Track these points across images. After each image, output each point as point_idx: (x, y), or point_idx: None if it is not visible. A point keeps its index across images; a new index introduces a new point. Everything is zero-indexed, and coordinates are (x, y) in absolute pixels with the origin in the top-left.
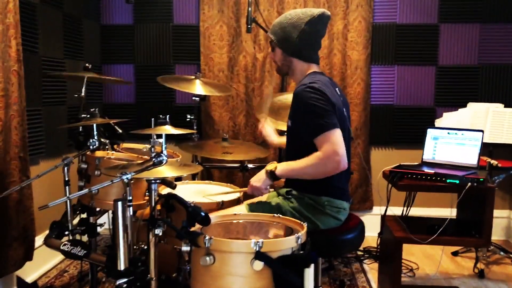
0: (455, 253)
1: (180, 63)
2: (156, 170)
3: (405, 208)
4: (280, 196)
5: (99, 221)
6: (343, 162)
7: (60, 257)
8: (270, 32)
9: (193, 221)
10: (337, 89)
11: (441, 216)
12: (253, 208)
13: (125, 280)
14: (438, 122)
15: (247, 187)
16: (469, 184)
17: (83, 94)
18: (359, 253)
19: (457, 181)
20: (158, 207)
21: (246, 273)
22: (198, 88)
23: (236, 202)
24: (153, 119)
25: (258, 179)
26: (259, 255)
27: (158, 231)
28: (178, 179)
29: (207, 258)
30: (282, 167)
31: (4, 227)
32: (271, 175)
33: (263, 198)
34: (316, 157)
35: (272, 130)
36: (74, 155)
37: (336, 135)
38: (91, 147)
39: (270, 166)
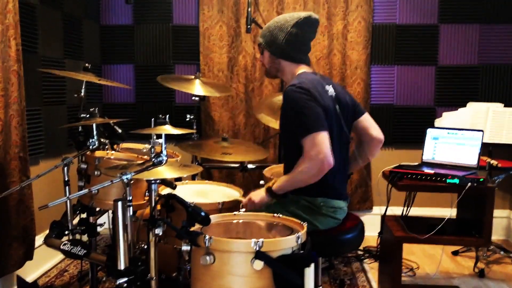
0: (455, 253)
1: (180, 63)
2: (156, 170)
3: (405, 208)
4: (276, 200)
5: (99, 221)
6: (328, 161)
7: (60, 256)
8: (260, 36)
9: (193, 221)
10: (330, 86)
11: (441, 216)
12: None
13: (125, 279)
14: (438, 122)
15: (244, 201)
16: (469, 184)
17: (82, 94)
18: (359, 252)
19: (457, 181)
20: (158, 207)
21: (246, 273)
22: (197, 88)
23: (235, 202)
24: (153, 119)
25: (258, 196)
26: (259, 255)
27: (158, 231)
28: (178, 179)
29: (207, 258)
30: (278, 183)
31: (4, 227)
32: (270, 192)
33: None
34: (301, 162)
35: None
36: (74, 155)
37: (321, 137)
38: (90, 147)
39: (267, 184)
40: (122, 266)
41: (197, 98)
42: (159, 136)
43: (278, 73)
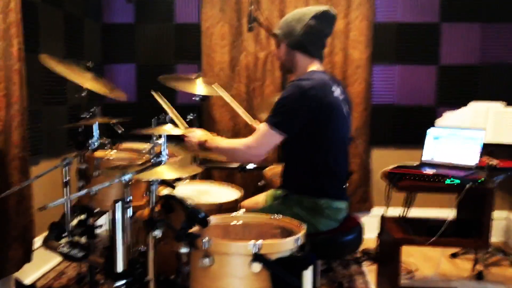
0: (454, 255)
1: (181, 62)
2: (155, 170)
3: (405, 209)
4: (277, 200)
5: (98, 222)
6: (257, 158)
7: (59, 258)
8: (276, 28)
9: (192, 222)
10: (339, 88)
11: (440, 217)
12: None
13: (123, 282)
14: (438, 122)
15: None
16: (469, 184)
17: (83, 94)
18: (358, 255)
19: (457, 182)
20: (157, 208)
21: (244, 275)
22: (199, 88)
23: (235, 203)
24: (153, 119)
25: (191, 144)
26: (257, 257)
27: (157, 233)
28: (178, 179)
29: (206, 260)
30: (212, 142)
31: (4, 228)
32: (202, 146)
33: (260, 204)
34: (240, 143)
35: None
36: (74, 155)
37: (272, 137)
38: (90, 147)
39: (204, 137)
40: (120, 268)
41: (198, 98)
42: (159, 136)
43: (292, 67)
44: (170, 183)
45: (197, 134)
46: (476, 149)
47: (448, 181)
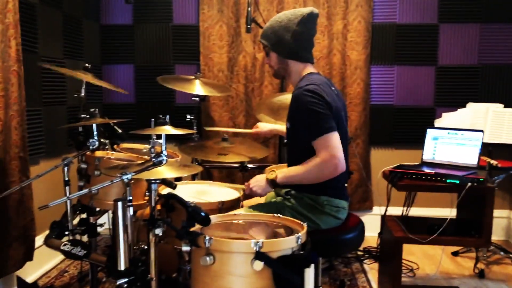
0: (455, 253)
1: (180, 63)
2: (156, 170)
3: (405, 208)
4: (279, 197)
5: (99, 221)
6: (341, 165)
7: (61, 257)
8: (262, 37)
9: (193, 221)
10: (333, 88)
11: (441, 216)
12: (253, 209)
13: (125, 280)
14: (437, 122)
15: (246, 187)
16: (469, 184)
17: (82, 94)
18: (359, 253)
19: (457, 181)
20: (158, 207)
21: (246, 273)
22: (197, 88)
23: (236, 201)
24: (153, 119)
25: (259, 186)
26: (259, 255)
27: (158, 231)
28: (178, 179)
29: (207, 258)
30: (282, 175)
31: (5, 227)
32: (272, 183)
33: (261, 199)
34: (314, 162)
35: (263, 125)
36: (74, 155)
37: (334, 139)
38: (91, 147)
39: (271, 175)
40: (122, 266)
41: (197, 99)
42: (159, 136)
43: (286, 74)
44: (171, 183)
45: (261, 177)
46: (475, 149)
47: (449, 181)
